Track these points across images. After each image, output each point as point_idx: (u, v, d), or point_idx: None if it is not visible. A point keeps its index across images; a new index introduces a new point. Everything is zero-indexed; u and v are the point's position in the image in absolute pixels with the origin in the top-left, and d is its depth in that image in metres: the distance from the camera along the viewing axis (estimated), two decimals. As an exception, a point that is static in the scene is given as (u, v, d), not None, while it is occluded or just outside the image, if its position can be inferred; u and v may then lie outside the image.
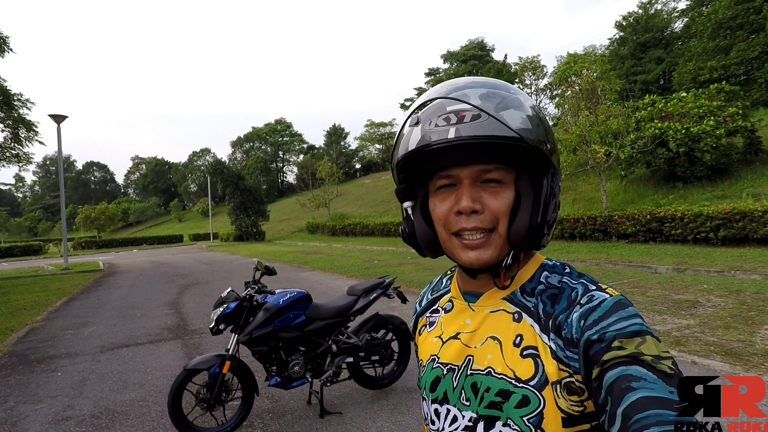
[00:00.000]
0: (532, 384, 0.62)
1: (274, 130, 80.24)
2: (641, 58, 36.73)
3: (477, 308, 0.73)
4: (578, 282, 0.66)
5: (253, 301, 3.21)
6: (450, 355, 0.73)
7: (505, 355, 0.66)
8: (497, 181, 0.65)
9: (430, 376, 0.75)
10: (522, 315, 0.67)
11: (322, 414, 3.34)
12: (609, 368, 0.54)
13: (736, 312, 5.20)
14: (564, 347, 0.61)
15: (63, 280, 13.25)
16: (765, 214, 8.90)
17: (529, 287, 0.70)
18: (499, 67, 47.26)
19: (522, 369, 0.63)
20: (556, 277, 0.69)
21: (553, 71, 30.15)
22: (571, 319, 0.61)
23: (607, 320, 0.58)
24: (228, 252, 24.08)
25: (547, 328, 0.64)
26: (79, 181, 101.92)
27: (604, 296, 0.62)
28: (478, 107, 0.60)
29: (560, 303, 0.65)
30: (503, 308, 0.70)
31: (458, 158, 0.64)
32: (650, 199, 13.50)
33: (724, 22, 24.06)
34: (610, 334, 0.56)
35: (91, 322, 7.17)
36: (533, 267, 0.72)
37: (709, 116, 12.92)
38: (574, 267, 0.72)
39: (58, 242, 44.66)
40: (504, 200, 0.64)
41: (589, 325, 0.59)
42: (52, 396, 4.06)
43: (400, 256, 14.38)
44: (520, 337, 0.66)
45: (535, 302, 0.67)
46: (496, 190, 0.65)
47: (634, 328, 0.56)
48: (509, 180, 0.65)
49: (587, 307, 0.61)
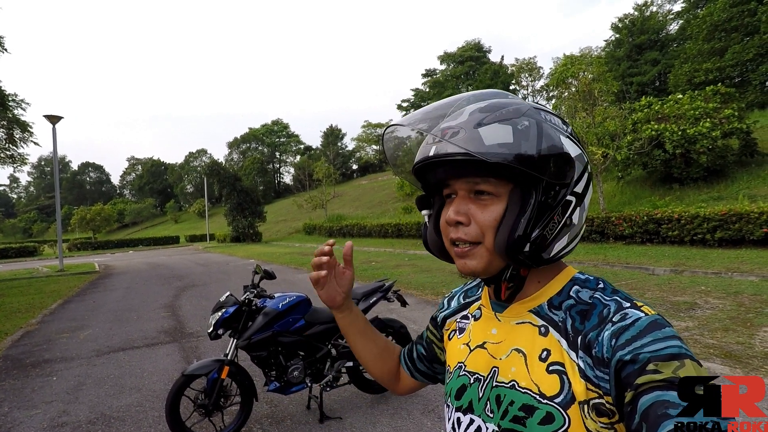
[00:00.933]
0: (558, 401, 0.60)
1: (270, 131, 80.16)
2: (637, 59, 36.98)
3: (503, 319, 0.73)
4: (611, 299, 0.64)
5: (252, 305, 3.17)
6: (477, 364, 0.73)
7: (530, 370, 0.65)
8: (489, 194, 0.64)
9: (457, 383, 0.75)
10: (549, 329, 0.66)
11: (321, 419, 3.31)
12: (644, 392, 0.52)
13: (734, 314, 5.21)
14: (594, 366, 0.59)
15: (58, 282, 13.14)
16: (761, 215, 8.94)
17: (557, 301, 0.68)
18: (496, 69, 47.42)
19: (547, 385, 0.62)
20: (587, 293, 0.67)
21: (549, 73, 30.28)
22: (602, 338, 0.59)
23: (641, 341, 0.56)
24: (225, 253, 23.99)
25: (575, 345, 0.62)
26: (75, 181, 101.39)
27: (638, 315, 0.59)
28: (459, 125, 0.62)
29: (591, 320, 0.63)
30: (529, 321, 0.69)
31: (447, 172, 0.66)
32: (647, 201, 13.55)
33: (719, 24, 24.24)
34: (644, 356, 0.54)
35: (86, 325, 7.11)
36: (563, 280, 0.70)
37: (705, 118, 12.99)
38: (610, 282, 0.69)
39: (53, 243, 44.40)
40: (491, 213, 0.64)
41: (621, 345, 0.57)
42: (47, 401, 4.00)
43: (397, 258, 14.36)
44: (546, 352, 0.64)
45: (564, 317, 0.66)
46: (486, 203, 0.65)
47: (671, 351, 0.54)
48: (503, 193, 0.64)
49: (620, 325, 0.59)
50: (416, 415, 3.35)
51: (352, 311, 0.93)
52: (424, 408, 3.46)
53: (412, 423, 3.25)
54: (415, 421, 3.27)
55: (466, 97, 0.71)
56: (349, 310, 0.92)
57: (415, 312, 6.63)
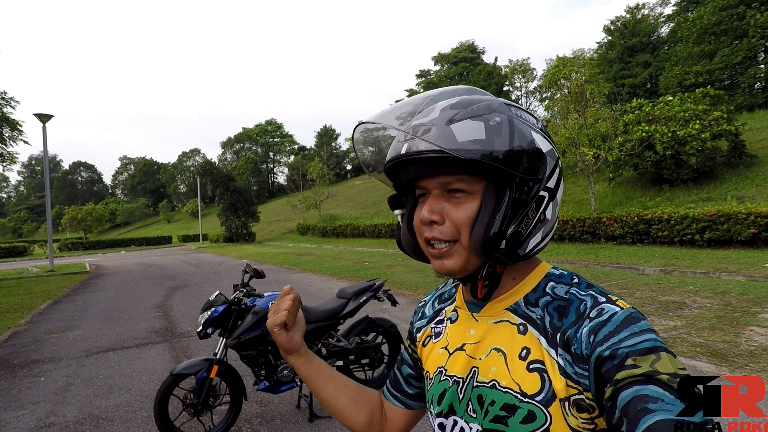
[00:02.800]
0: (539, 399, 0.60)
1: (264, 131, 79.84)
2: (629, 62, 37.33)
3: (480, 318, 0.72)
4: (587, 293, 0.64)
5: (242, 304, 3.17)
6: (456, 367, 0.72)
7: (511, 368, 0.64)
8: (463, 191, 0.64)
9: (438, 389, 0.74)
10: (528, 327, 0.66)
11: (311, 418, 3.31)
12: (623, 387, 0.52)
13: (721, 313, 5.28)
14: (573, 363, 0.59)
15: (48, 283, 13.01)
16: (749, 216, 9.07)
17: (533, 297, 0.68)
18: (490, 70, 47.58)
19: (528, 383, 0.62)
20: (563, 288, 0.67)
21: (542, 74, 30.47)
22: (581, 334, 0.59)
23: (618, 335, 0.56)
24: (217, 253, 23.87)
25: (554, 343, 0.62)
26: (66, 181, 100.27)
27: (614, 309, 0.59)
28: (430, 122, 0.62)
29: (568, 316, 0.62)
30: (507, 319, 0.68)
31: (419, 171, 0.65)
32: (638, 202, 13.68)
33: (708, 27, 24.53)
34: (622, 350, 0.54)
35: (76, 326, 7.05)
36: (538, 276, 0.70)
37: (695, 120, 13.14)
38: (583, 276, 0.68)
39: (44, 243, 43.89)
40: (465, 211, 0.63)
41: (599, 340, 0.57)
42: (34, 402, 3.97)
43: (390, 258, 14.37)
44: (526, 350, 0.64)
45: (541, 314, 0.65)
46: (460, 201, 0.64)
47: (647, 344, 0.54)
48: (477, 190, 0.64)
49: (597, 321, 0.59)
50: (406, 414, 3.36)
51: (312, 356, 0.84)
52: (413, 407, 3.47)
53: (401, 421, 3.26)
54: (405, 420, 3.28)
55: (436, 93, 0.70)
56: (309, 355, 0.83)
57: (407, 312, 6.64)
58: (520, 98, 48.66)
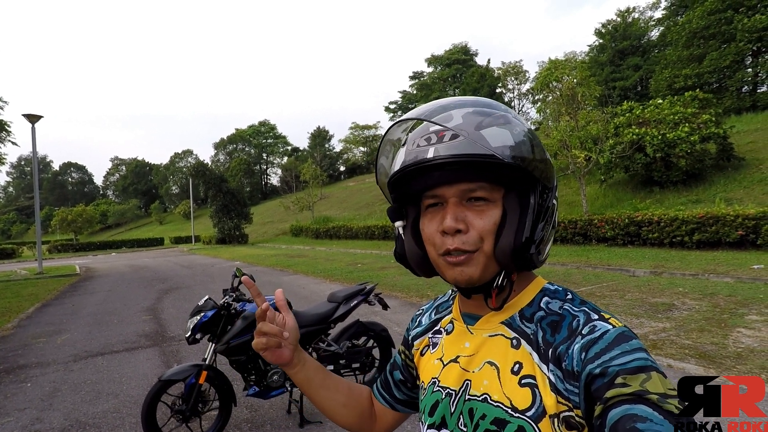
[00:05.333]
0: (529, 415, 0.60)
1: (257, 132, 79.47)
2: (620, 65, 37.69)
3: (475, 331, 0.72)
4: (580, 310, 0.64)
5: (231, 309, 3.15)
6: (449, 379, 0.72)
7: (503, 383, 0.64)
8: (483, 200, 0.64)
9: (430, 399, 0.74)
10: (521, 341, 0.66)
11: (301, 423, 3.29)
12: (612, 406, 0.52)
13: (709, 315, 5.34)
14: (564, 379, 0.59)
15: (36, 285, 12.82)
16: (737, 218, 9.20)
17: (528, 312, 0.68)
18: (483, 72, 47.79)
19: (519, 398, 0.62)
20: (557, 303, 0.67)
21: (535, 76, 30.69)
22: (572, 351, 0.59)
23: (609, 353, 0.56)
24: (210, 255, 23.71)
25: (546, 358, 0.62)
26: (56, 182, 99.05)
27: (606, 327, 0.59)
28: (457, 127, 0.60)
29: (561, 332, 0.62)
30: (501, 333, 0.68)
31: (441, 177, 0.64)
32: (628, 204, 13.81)
33: (697, 31, 24.84)
34: (613, 369, 0.54)
35: (65, 330, 6.95)
36: (533, 291, 0.70)
37: (684, 123, 13.29)
38: (577, 292, 0.70)
39: (33, 245, 43.33)
40: (489, 219, 0.63)
41: (590, 358, 0.57)
42: (20, 408, 3.91)
43: (383, 260, 14.37)
44: (519, 365, 0.64)
45: (535, 329, 0.65)
46: (482, 209, 0.64)
47: (638, 363, 0.54)
48: (497, 198, 0.64)
49: (589, 338, 0.59)
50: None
51: (306, 363, 0.83)
52: (404, 411, 3.47)
53: (392, 426, 3.25)
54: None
55: (447, 102, 0.67)
56: (302, 363, 0.82)
57: (399, 315, 6.64)
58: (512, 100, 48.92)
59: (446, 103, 0.66)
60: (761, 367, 3.77)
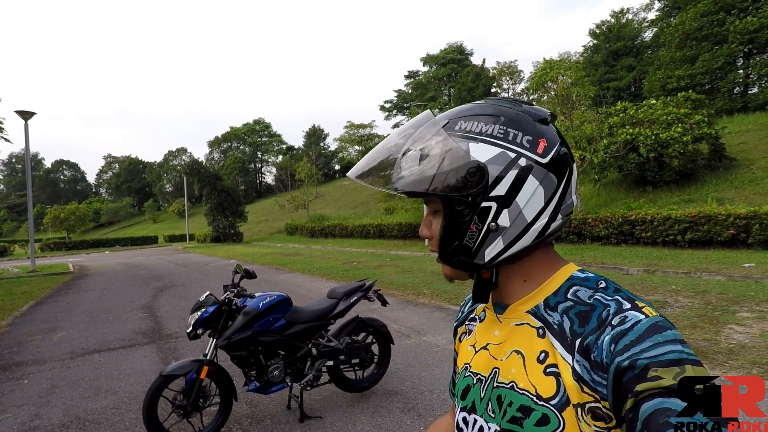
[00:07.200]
0: (553, 403, 0.61)
1: (252, 130, 79.10)
2: (614, 65, 37.95)
3: (504, 320, 0.73)
4: (612, 299, 0.62)
5: (232, 304, 3.17)
6: (479, 365, 0.75)
7: (528, 371, 0.65)
8: (439, 210, 0.71)
9: (463, 383, 0.77)
10: (546, 331, 0.66)
11: (302, 418, 3.32)
12: (645, 399, 0.51)
13: (702, 312, 5.43)
14: (591, 370, 0.58)
15: (30, 283, 12.72)
16: (728, 217, 9.33)
17: (552, 302, 0.67)
18: (478, 71, 47.91)
19: (544, 387, 0.62)
20: (586, 292, 0.65)
21: (529, 76, 30.84)
22: (602, 342, 0.58)
23: (639, 345, 0.54)
24: (205, 254, 23.61)
25: (572, 348, 0.61)
26: (48, 180, 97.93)
27: (638, 317, 0.57)
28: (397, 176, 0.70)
29: (590, 323, 0.61)
30: (527, 322, 0.69)
31: (412, 195, 0.72)
32: (622, 203, 13.95)
33: (690, 33, 25.07)
34: (642, 361, 0.53)
35: (60, 327, 6.92)
36: (560, 279, 0.69)
37: (677, 123, 13.43)
38: (612, 280, 0.68)
39: (25, 243, 42.87)
40: (436, 226, 0.72)
41: (620, 350, 0.55)
42: (18, 405, 3.90)
43: (379, 258, 14.40)
44: (544, 354, 0.65)
45: (559, 319, 0.65)
46: (437, 217, 0.72)
47: (672, 356, 0.53)
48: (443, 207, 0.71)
49: (619, 329, 0.57)
50: (396, 413, 3.40)
51: None
52: (404, 406, 3.51)
53: (392, 421, 3.29)
54: (395, 419, 3.31)
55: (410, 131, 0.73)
56: None
57: (396, 312, 6.68)
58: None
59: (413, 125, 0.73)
60: (752, 362, 3.85)
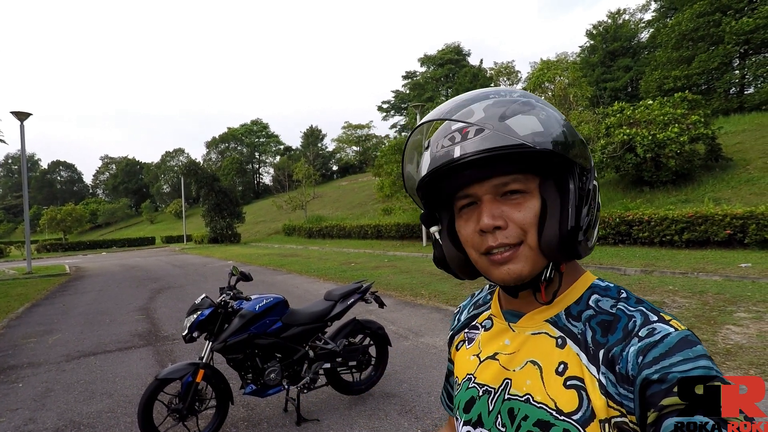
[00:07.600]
0: (575, 418, 0.57)
1: (250, 131, 78.98)
2: (610, 66, 38.09)
3: (517, 329, 0.68)
4: (636, 309, 0.60)
5: (228, 307, 3.15)
6: (487, 376, 0.70)
7: (546, 383, 0.61)
8: (520, 192, 0.61)
9: (465, 395, 0.72)
10: (566, 341, 0.62)
11: (299, 421, 3.30)
12: (668, 414, 0.50)
13: (699, 312, 5.43)
14: (617, 383, 0.55)
15: (25, 285, 12.65)
16: (725, 217, 9.35)
17: (575, 310, 0.64)
18: (475, 72, 48.01)
19: (564, 400, 0.59)
20: (608, 302, 0.63)
21: (527, 77, 30.90)
22: (628, 353, 0.55)
23: (669, 359, 0.52)
24: (202, 255, 23.54)
25: (596, 359, 0.58)
26: (44, 180, 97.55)
27: (668, 330, 0.55)
28: (480, 121, 0.58)
29: (615, 333, 0.58)
30: (546, 331, 0.65)
31: (472, 176, 0.61)
32: (619, 203, 13.96)
33: (686, 33, 25.16)
34: (673, 375, 0.51)
35: (56, 330, 6.88)
36: (582, 288, 0.66)
37: (674, 123, 13.47)
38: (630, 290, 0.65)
39: (21, 245, 42.68)
40: (529, 211, 0.61)
41: (648, 362, 0.53)
42: (11, 409, 3.87)
43: (377, 259, 14.38)
44: (564, 365, 0.61)
45: (583, 329, 0.62)
46: (519, 201, 0.61)
47: (700, 371, 0.51)
48: (533, 188, 0.62)
49: (648, 341, 0.55)
50: (393, 416, 3.38)
51: None
52: (401, 408, 3.50)
53: (389, 424, 3.27)
54: (392, 422, 3.29)
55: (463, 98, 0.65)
56: None
57: (394, 313, 6.67)
58: (505, 100, 49.05)
59: (464, 99, 0.64)
60: (750, 363, 3.86)
